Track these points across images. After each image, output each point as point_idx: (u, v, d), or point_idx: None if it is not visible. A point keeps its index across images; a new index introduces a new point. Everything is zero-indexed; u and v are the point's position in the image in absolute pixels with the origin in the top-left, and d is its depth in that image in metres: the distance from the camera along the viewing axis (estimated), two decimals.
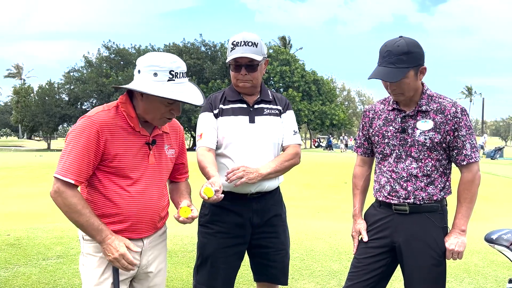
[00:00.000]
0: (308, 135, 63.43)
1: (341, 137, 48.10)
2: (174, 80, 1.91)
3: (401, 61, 2.17)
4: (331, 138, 47.28)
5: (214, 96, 2.61)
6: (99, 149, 1.92)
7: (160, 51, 48.80)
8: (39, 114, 45.64)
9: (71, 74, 47.39)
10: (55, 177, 1.90)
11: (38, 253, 4.69)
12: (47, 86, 47.39)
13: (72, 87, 46.42)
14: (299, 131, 2.83)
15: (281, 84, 47.18)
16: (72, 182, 1.88)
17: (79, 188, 1.98)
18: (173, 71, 1.91)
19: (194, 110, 39.14)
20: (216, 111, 2.53)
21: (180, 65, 1.94)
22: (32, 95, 49.87)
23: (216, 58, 43.34)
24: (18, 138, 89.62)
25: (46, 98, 46.03)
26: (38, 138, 76.91)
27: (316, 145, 54.00)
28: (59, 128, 56.11)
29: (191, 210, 2.06)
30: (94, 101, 46.11)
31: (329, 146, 44.03)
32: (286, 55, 47.58)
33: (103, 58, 46.98)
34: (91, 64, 46.79)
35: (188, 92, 1.98)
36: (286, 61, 46.51)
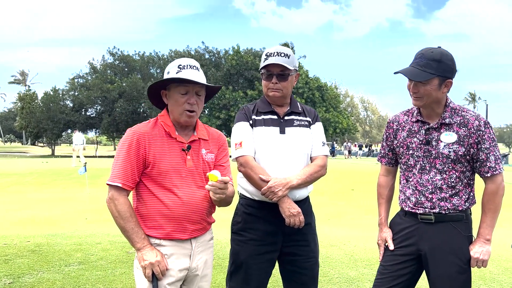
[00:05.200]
0: None
1: (344, 144, 48.12)
2: (181, 71, 2.19)
3: (430, 66, 2.27)
4: (335, 145, 47.29)
5: (247, 107, 2.72)
6: (140, 155, 2.15)
7: (164, 58, 48.52)
8: (43, 121, 45.78)
9: (76, 80, 47.60)
10: (107, 184, 2.13)
11: (59, 259, 4.79)
12: (52, 93, 47.61)
13: (76, 93, 46.60)
14: None
15: None
16: (120, 185, 2.11)
17: (131, 199, 2.19)
18: (181, 65, 2.21)
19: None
20: (250, 122, 2.64)
21: (189, 62, 2.22)
22: (36, 101, 50.10)
23: (220, 65, 43.50)
24: (22, 144, 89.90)
25: (51, 104, 46.20)
26: (42, 144, 77.16)
27: None
28: (63, 134, 56.26)
29: (220, 176, 2.12)
30: (98, 107, 46.32)
31: (332, 153, 44.06)
32: None
33: (108, 64, 47.22)
34: (96, 71, 47.01)
35: (190, 76, 2.16)
36: None
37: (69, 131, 54.44)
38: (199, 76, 2.20)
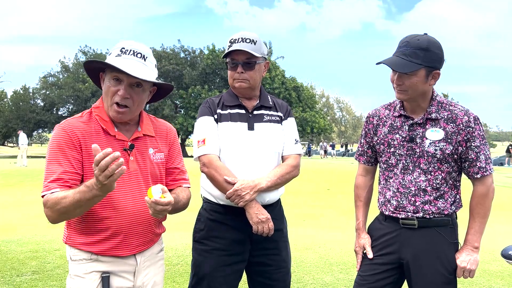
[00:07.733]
0: None
1: (320, 143, 48.32)
2: (121, 56, 1.83)
3: (416, 55, 2.01)
4: (311, 145, 47.50)
5: (212, 100, 2.43)
6: (75, 154, 1.77)
7: None
8: (12, 120, 44.42)
9: (47, 79, 46.31)
10: (43, 196, 1.73)
11: (11, 268, 4.39)
12: (21, 91, 46.23)
13: (47, 92, 45.34)
14: None
15: None
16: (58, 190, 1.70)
17: None
18: (124, 48, 1.85)
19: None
20: (215, 116, 2.36)
21: (135, 47, 1.85)
22: (5, 100, 48.55)
23: (196, 64, 42.95)
24: None
25: (21, 103, 44.89)
26: (11, 145, 74.83)
27: None
28: (33, 134, 54.68)
29: (161, 194, 1.70)
30: (70, 107, 45.18)
31: (309, 153, 44.26)
32: None
33: (80, 63, 46.10)
34: (68, 69, 45.85)
35: (126, 65, 1.78)
36: None
37: (39, 130, 52.96)
38: (140, 67, 1.81)
